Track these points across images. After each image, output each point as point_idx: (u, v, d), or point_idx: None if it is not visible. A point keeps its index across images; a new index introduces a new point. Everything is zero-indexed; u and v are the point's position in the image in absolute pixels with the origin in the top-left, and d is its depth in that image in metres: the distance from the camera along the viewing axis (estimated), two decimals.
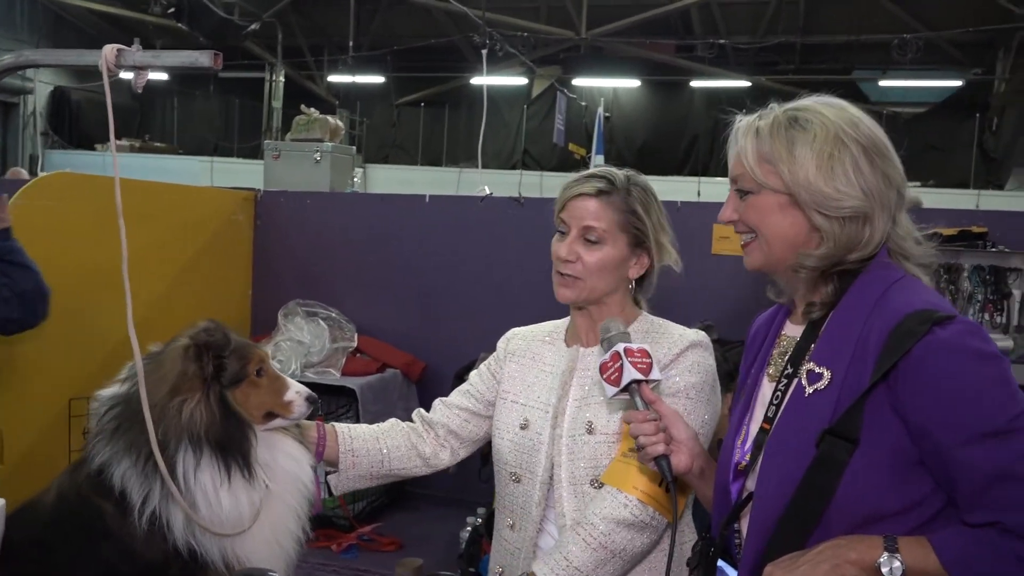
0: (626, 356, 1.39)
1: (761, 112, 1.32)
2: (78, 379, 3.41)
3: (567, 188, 1.73)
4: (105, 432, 1.41)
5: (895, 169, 1.26)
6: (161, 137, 17.29)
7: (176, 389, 1.39)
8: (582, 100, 15.66)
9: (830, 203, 1.23)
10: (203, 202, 4.43)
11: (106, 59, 1.29)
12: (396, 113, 17.52)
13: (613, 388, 1.40)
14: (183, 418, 1.37)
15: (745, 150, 1.29)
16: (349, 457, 1.74)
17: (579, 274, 1.69)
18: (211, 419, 1.39)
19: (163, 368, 1.41)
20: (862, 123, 1.26)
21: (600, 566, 1.56)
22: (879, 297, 1.21)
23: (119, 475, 1.37)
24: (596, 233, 1.68)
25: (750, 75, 15.20)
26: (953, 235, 3.43)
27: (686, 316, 3.14)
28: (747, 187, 1.29)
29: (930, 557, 1.10)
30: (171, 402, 1.37)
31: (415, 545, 3.59)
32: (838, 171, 1.22)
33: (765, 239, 1.29)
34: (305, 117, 5.34)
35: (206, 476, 1.37)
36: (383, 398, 3.99)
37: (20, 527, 1.45)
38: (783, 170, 1.25)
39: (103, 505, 1.39)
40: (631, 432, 1.38)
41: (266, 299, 4.44)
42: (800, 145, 1.24)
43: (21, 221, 3.15)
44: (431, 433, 1.85)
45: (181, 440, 1.36)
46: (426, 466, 1.84)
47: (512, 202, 4.15)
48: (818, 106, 1.28)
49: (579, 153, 14.66)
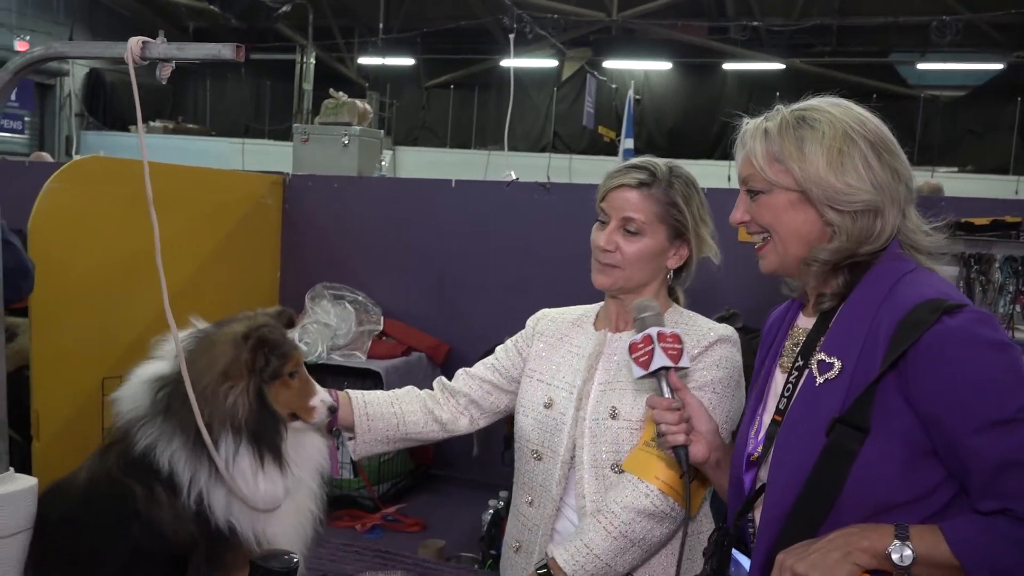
0: (658, 340, 1.39)
1: (767, 114, 1.33)
2: (111, 359, 3.48)
3: (609, 178, 1.74)
4: (152, 414, 1.43)
5: (902, 164, 1.28)
6: (194, 119, 17.47)
7: (226, 374, 1.41)
8: (612, 83, 15.54)
9: (842, 197, 1.24)
10: (232, 186, 4.48)
11: (131, 51, 1.32)
12: (425, 95, 17.51)
13: (641, 370, 1.40)
14: (227, 404, 1.40)
15: (755, 151, 1.30)
16: (364, 421, 1.76)
17: (617, 263, 1.70)
18: (250, 409, 1.42)
19: (214, 350, 1.44)
20: (869, 120, 1.28)
21: (620, 554, 1.57)
22: (890, 287, 1.22)
23: (167, 455, 1.40)
24: (636, 224, 1.69)
25: (784, 58, 14.95)
26: (986, 224, 3.36)
27: (713, 303, 3.14)
28: (758, 187, 1.31)
29: (941, 544, 1.11)
30: (220, 387, 1.40)
31: (438, 527, 3.64)
32: (848, 166, 1.24)
33: (779, 237, 1.31)
34: (333, 101, 5.36)
35: (245, 461, 1.41)
36: (408, 381, 3.96)
37: (53, 505, 1.50)
38: (794, 167, 1.26)
39: (134, 486, 1.42)
40: (654, 418, 1.40)
41: (294, 282, 4.49)
42: (809, 143, 1.26)
43: (54, 205, 3.23)
44: (452, 401, 1.87)
45: (224, 425, 1.40)
46: (443, 431, 1.85)
47: (538, 187, 4.15)
48: (825, 105, 1.30)
49: (609, 136, 14.57)
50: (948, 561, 1.11)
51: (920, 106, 14.55)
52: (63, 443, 3.30)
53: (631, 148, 8.99)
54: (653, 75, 16.54)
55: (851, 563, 1.12)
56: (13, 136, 14.99)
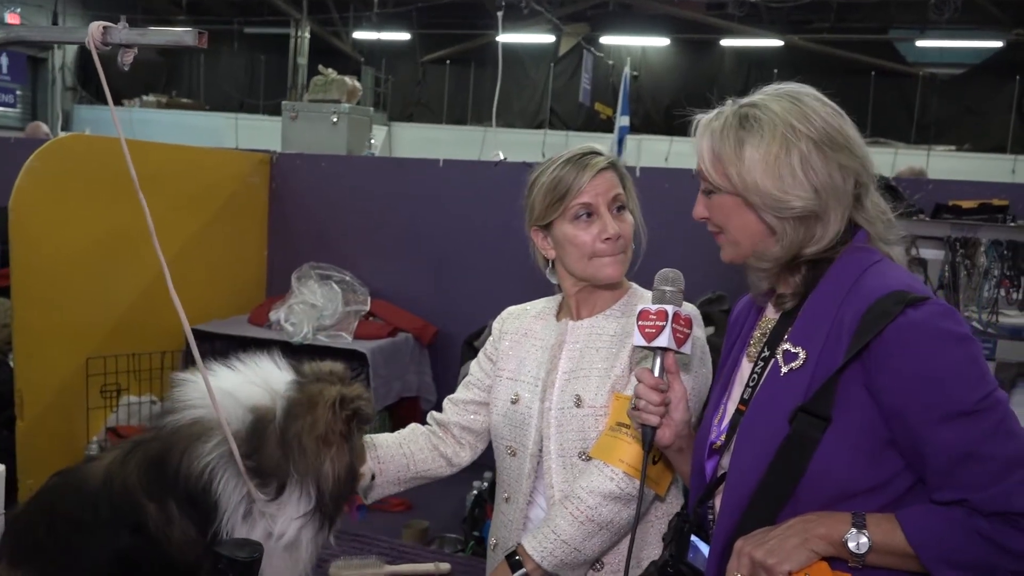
0: (672, 320, 1.36)
1: (719, 109, 1.31)
2: (94, 339, 3.49)
3: (578, 174, 1.67)
4: (245, 442, 1.42)
5: (852, 156, 1.25)
6: (188, 93, 17.33)
7: (326, 439, 1.43)
8: (610, 59, 15.42)
9: (779, 205, 1.23)
10: (219, 164, 4.46)
11: (92, 37, 1.30)
12: (421, 71, 17.38)
13: (643, 340, 1.38)
14: (323, 468, 1.42)
15: (702, 150, 1.29)
16: (376, 465, 1.77)
17: (623, 248, 1.70)
18: (342, 477, 1.44)
19: (316, 411, 1.43)
20: (815, 114, 1.24)
21: (587, 539, 1.58)
22: (856, 278, 1.22)
23: (222, 481, 1.39)
24: (623, 200, 1.70)
25: (783, 34, 14.83)
26: (973, 208, 3.35)
27: (700, 287, 3.12)
28: (707, 188, 1.31)
29: (897, 533, 1.12)
30: (320, 449, 1.42)
31: (424, 507, 3.65)
32: (784, 172, 1.22)
33: (731, 235, 1.30)
34: (323, 78, 5.31)
35: (296, 513, 1.42)
36: (394, 362, 4.03)
37: (62, 492, 1.49)
38: (732, 172, 1.25)
39: (145, 500, 1.40)
40: (636, 391, 1.39)
41: (282, 261, 4.48)
42: (749, 146, 1.23)
43: (35, 183, 3.21)
44: (448, 433, 1.87)
45: (306, 479, 1.41)
46: (450, 466, 1.86)
47: (526, 167, 4.12)
48: (769, 101, 1.27)
49: (605, 113, 14.48)
50: (904, 550, 1.12)
51: (918, 84, 14.46)
52: (47, 421, 3.31)
53: (627, 125, 8.88)
54: (651, 51, 16.42)
55: (808, 550, 1.13)
56: (5, 110, 14.86)
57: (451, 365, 3.99)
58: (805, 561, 1.13)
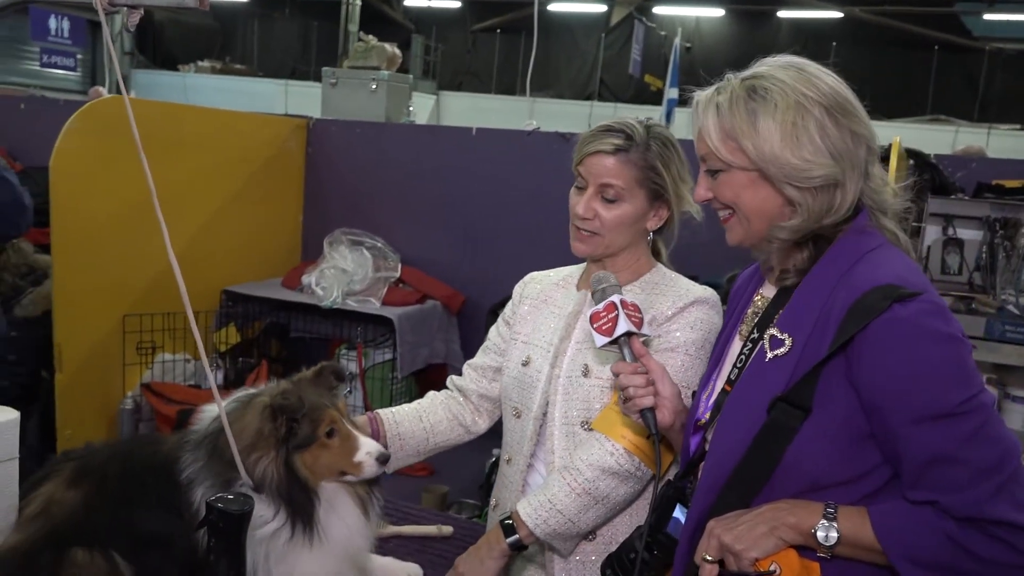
0: (622, 307, 1.39)
1: (719, 85, 1.28)
2: (130, 297, 3.59)
3: (584, 142, 1.69)
4: (200, 453, 1.49)
5: (861, 124, 1.22)
6: (242, 59, 17.54)
7: (253, 446, 1.45)
8: (662, 29, 15.15)
9: (800, 175, 1.20)
10: (257, 129, 4.52)
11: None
12: (471, 39, 17.30)
13: (604, 338, 1.40)
14: (256, 474, 1.44)
15: (707, 128, 1.25)
16: (397, 440, 1.81)
17: (596, 230, 1.68)
18: (279, 479, 1.46)
19: (245, 419, 1.48)
20: (821, 82, 1.21)
21: (583, 511, 1.59)
22: (851, 266, 1.19)
23: (200, 494, 1.44)
24: (614, 191, 1.65)
25: (842, 5, 14.37)
26: (1017, 187, 3.23)
27: (717, 267, 3.08)
28: (715, 166, 1.27)
29: (866, 528, 1.12)
30: (248, 458, 1.44)
31: (446, 472, 3.70)
32: (804, 140, 1.19)
33: (743, 214, 1.27)
34: (363, 44, 5.31)
35: (273, 524, 1.45)
36: (421, 328, 4.07)
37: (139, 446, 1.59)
38: (748, 146, 1.21)
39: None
40: (620, 384, 1.40)
41: (317, 226, 4.53)
42: (762, 117, 1.20)
43: (74, 145, 3.29)
44: (468, 400, 1.90)
45: (259, 491, 1.44)
46: (468, 434, 1.89)
47: (558, 137, 4.10)
48: (774, 71, 1.23)
49: (656, 85, 14.25)
50: (871, 544, 1.11)
51: (984, 59, 13.89)
52: (85, 377, 3.43)
53: (675, 98, 8.74)
54: (704, 22, 16.08)
55: (776, 538, 1.13)
56: (66, 74, 15.19)
57: (479, 334, 3.99)
58: (772, 549, 1.13)
